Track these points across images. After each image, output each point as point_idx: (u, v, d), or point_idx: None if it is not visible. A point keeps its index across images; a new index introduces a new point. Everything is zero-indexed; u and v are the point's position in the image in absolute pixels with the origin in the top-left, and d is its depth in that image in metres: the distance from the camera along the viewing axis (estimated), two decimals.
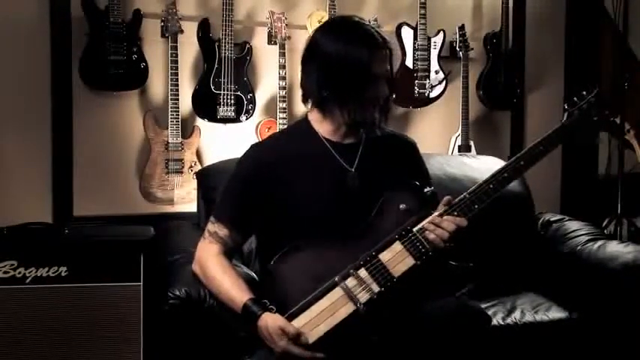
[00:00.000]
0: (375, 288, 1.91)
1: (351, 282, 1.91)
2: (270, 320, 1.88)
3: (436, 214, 1.99)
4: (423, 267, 1.96)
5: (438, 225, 1.97)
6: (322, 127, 2.13)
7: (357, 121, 2.07)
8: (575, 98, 2.17)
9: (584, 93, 2.17)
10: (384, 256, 1.95)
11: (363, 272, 1.93)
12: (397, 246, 1.97)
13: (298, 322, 1.87)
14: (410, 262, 1.96)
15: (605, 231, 3.75)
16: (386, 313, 1.91)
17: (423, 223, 1.99)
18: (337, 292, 1.90)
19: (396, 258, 1.95)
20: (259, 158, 2.13)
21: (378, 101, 2.07)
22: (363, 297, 1.90)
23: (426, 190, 2.04)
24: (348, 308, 1.89)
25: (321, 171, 2.09)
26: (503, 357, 2.43)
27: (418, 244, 1.97)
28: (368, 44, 2.04)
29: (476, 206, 2.01)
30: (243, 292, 1.98)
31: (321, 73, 2.06)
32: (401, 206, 2.02)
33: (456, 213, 1.99)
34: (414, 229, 1.98)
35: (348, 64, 2.02)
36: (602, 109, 2.15)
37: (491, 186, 2.04)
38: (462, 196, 2.02)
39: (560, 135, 2.13)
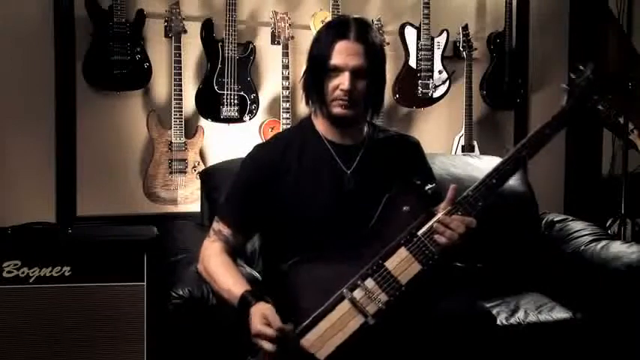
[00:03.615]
0: (384, 298, 1.87)
1: (358, 293, 1.87)
2: (260, 307, 1.85)
3: (441, 213, 1.94)
4: (430, 271, 1.92)
5: (447, 226, 1.92)
6: (324, 128, 2.13)
7: (330, 115, 2.06)
8: (572, 75, 2.09)
9: (582, 68, 2.09)
10: (390, 264, 1.90)
11: (370, 282, 1.88)
12: (403, 252, 1.91)
13: (308, 339, 1.82)
14: (416, 268, 1.90)
15: (609, 231, 3.74)
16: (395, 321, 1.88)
17: (429, 224, 1.93)
18: (345, 305, 1.86)
19: (402, 265, 1.90)
20: (262, 159, 2.13)
21: (339, 93, 2.01)
22: (372, 308, 1.86)
23: (427, 187, 2.00)
24: (357, 321, 1.85)
25: (321, 172, 2.08)
26: (507, 357, 2.43)
27: (424, 248, 1.91)
28: (330, 35, 2.04)
29: (480, 203, 1.95)
30: (244, 286, 1.96)
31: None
32: (404, 208, 1.98)
33: (460, 212, 1.93)
34: (419, 233, 1.93)
35: (310, 56, 2.09)
36: (601, 85, 2.06)
37: (494, 180, 1.98)
38: (465, 193, 1.96)
39: (562, 120, 2.07)
